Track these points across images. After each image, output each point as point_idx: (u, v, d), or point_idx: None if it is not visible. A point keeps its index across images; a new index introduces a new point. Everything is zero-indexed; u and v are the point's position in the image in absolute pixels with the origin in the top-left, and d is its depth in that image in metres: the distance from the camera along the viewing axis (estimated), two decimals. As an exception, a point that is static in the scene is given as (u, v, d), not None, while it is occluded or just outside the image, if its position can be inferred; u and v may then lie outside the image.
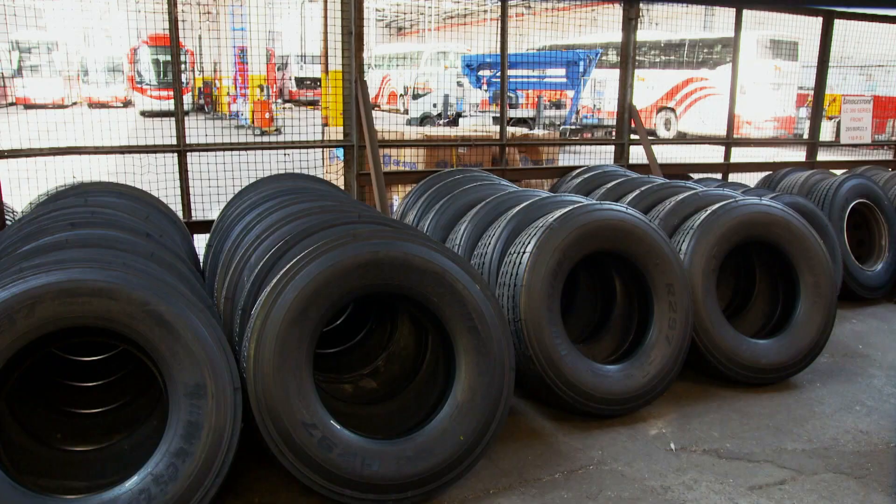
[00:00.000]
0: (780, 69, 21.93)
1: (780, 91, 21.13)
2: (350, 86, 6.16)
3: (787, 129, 20.51)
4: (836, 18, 8.95)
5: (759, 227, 4.91)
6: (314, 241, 3.43)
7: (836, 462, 3.95)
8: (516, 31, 17.71)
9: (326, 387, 3.99)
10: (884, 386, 4.98)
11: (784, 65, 21.91)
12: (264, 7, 20.18)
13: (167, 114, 6.12)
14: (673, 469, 3.82)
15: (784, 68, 21.94)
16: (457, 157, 7.33)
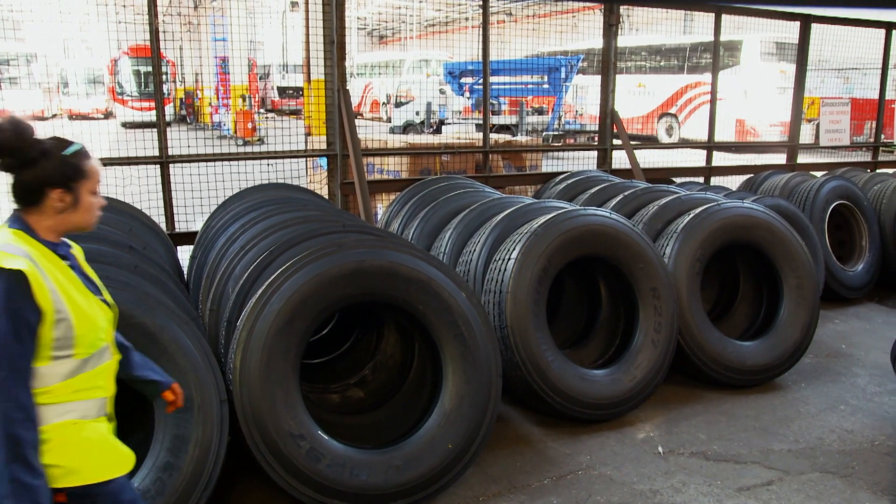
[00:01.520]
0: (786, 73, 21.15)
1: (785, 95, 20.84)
2: (332, 95, 6.16)
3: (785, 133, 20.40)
4: (813, 22, 9.05)
5: (741, 229, 4.95)
6: (299, 252, 3.42)
7: (822, 461, 3.98)
8: (498, 37, 17.80)
9: (313, 397, 3.98)
10: (867, 385, 5.03)
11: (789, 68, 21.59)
12: (245, 17, 20.16)
13: (149, 125, 6.09)
14: (661, 472, 3.83)
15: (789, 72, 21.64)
16: (440, 164, 7.33)
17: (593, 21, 7.60)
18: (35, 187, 2.01)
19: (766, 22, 9.05)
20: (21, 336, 1.89)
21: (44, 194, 2.01)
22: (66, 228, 2.09)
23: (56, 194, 2.01)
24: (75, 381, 2.01)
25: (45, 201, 2.02)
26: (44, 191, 2.01)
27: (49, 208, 2.03)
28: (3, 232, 2.00)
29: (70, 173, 2.04)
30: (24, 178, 2.00)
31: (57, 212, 2.04)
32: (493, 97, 17.95)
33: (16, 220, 2.03)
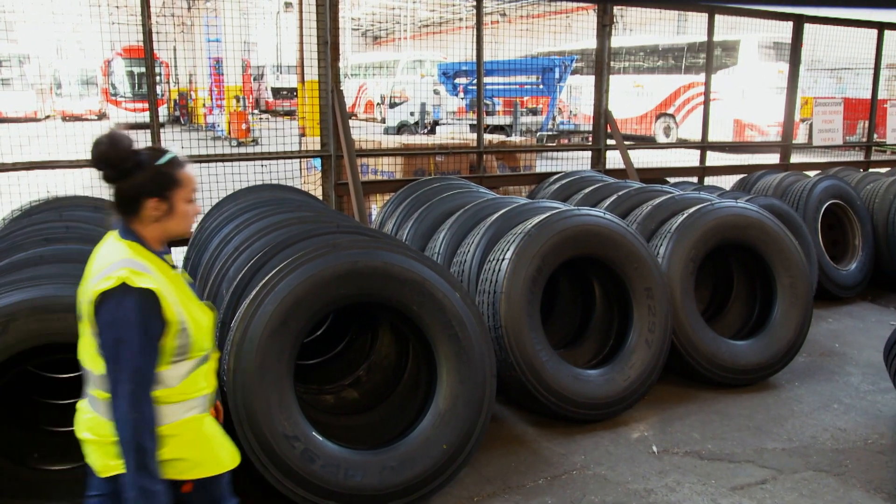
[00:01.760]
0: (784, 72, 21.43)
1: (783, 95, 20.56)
2: (326, 95, 6.15)
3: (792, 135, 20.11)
4: (806, 22, 9.08)
5: (735, 229, 4.97)
6: (293, 253, 3.41)
7: (815, 460, 3.99)
8: (492, 38, 17.82)
9: (308, 398, 3.97)
10: (860, 384, 5.05)
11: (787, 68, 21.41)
12: (239, 18, 20.13)
13: (142, 126, 6.06)
14: (655, 472, 3.84)
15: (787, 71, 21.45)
16: (434, 165, 7.34)
17: (587, 21, 7.61)
18: (132, 197, 2.10)
19: (764, 21, 9.07)
20: (148, 350, 2.03)
21: (140, 204, 2.10)
22: (165, 236, 2.18)
23: (152, 203, 2.10)
24: (190, 379, 2.15)
25: (142, 211, 2.11)
26: (140, 201, 2.10)
27: (146, 217, 2.12)
28: (119, 245, 2.11)
29: (164, 182, 2.11)
30: (122, 189, 2.09)
31: (154, 220, 2.13)
32: (487, 98, 17.96)
33: (126, 230, 2.14)
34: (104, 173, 2.08)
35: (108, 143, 2.06)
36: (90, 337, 2.08)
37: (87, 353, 2.12)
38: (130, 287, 1.99)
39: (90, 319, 2.04)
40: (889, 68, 17.72)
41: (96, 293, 2.00)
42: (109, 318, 1.99)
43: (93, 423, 2.12)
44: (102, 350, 2.02)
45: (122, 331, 1.99)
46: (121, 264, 2.03)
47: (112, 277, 2.00)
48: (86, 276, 2.12)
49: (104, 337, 2.01)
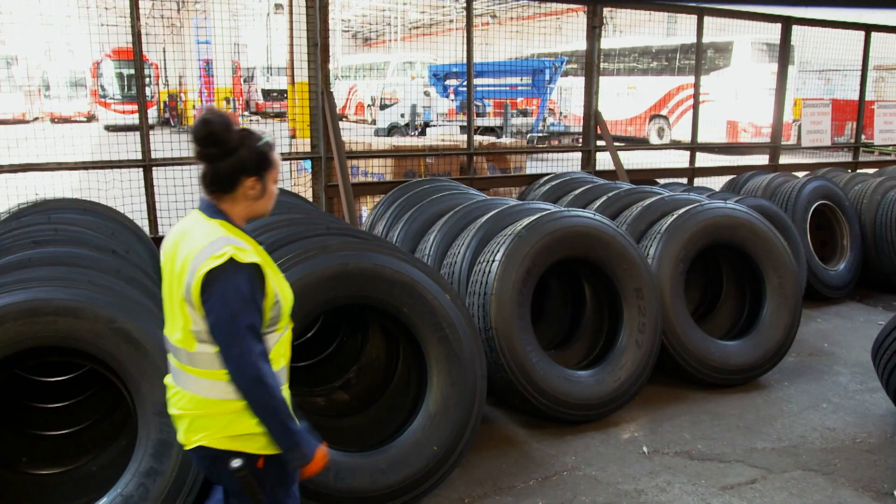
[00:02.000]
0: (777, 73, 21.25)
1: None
2: (316, 97, 6.14)
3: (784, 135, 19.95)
4: (794, 24, 9.14)
5: (724, 230, 4.99)
6: (283, 254, 3.41)
7: (804, 459, 4.01)
8: (483, 40, 17.84)
9: (298, 400, 3.96)
10: (849, 383, 5.07)
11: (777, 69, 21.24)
12: (229, 19, 20.09)
13: (132, 128, 6.05)
14: (646, 472, 3.85)
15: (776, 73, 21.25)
16: (425, 166, 7.34)
17: (577, 23, 7.63)
18: (232, 175, 2.16)
19: (756, 23, 9.11)
20: (260, 322, 2.13)
21: (238, 182, 2.17)
22: (252, 215, 2.27)
23: (249, 182, 2.18)
24: (275, 351, 2.23)
25: (238, 189, 2.17)
26: (239, 179, 2.16)
27: (241, 195, 2.19)
28: (211, 224, 2.17)
29: (262, 162, 2.19)
30: (222, 167, 2.15)
31: (248, 199, 2.20)
32: (477, 99, 17.98)
33: (213, 209, 2.20)
34: (207, 151, 2.13)
35: (220, 122, 2.13)
36: (185, 315, 2.14)
37: (179, 331, 2.17)
38: (238, 263, 2.07)
39: (194, 298, 2.09)
40: (876, 70, 17.84)
41: (205, 272, 2.06)
42: (220, 295, 2.06)
43: (179, 398, 2.21)
44: (215, 328, 2.09)
45: (236, 305, 2.06)
46: (223, 241, 2.10)
47: (220, 255, 2.06)
48: (172, 254, 2.19)
49: (216, 315, 2.07)
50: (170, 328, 2.23)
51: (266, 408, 2.10)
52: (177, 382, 2.23)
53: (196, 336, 2.14)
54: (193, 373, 2.17)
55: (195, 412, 2.17)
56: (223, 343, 2.09)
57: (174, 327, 2.20)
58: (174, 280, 2.16)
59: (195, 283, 2.07)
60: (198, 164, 2.18)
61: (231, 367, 2.09)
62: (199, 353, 2.14)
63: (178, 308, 2.16)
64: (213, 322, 2.08)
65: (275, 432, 2.13)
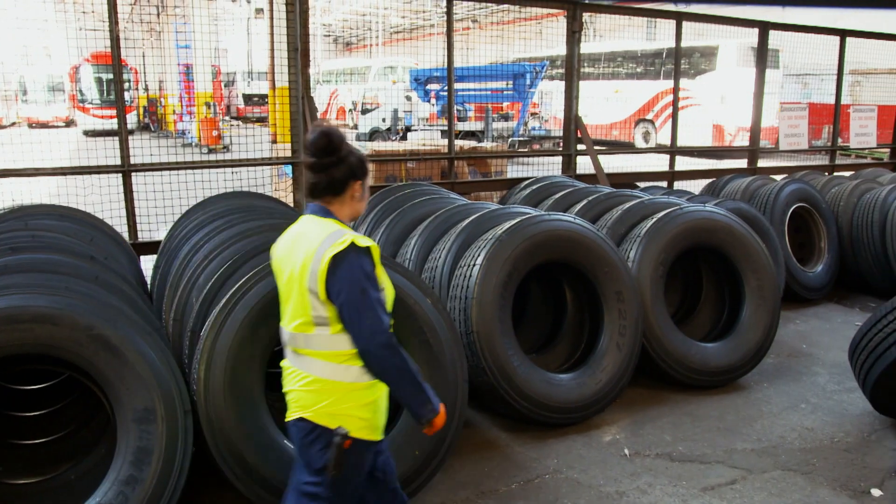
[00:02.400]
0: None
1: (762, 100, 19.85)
2: (297, 102, 6.13)
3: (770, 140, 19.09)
4: (771, 29, 9.24)
5: (703, 233, 5.03)
6: (263, 260, 3.39)
7: (784, 460, 4.05)
8: (464, 44, 17.84)
9: (280, 406, 3.94)
10: (827, 383, 5.13)
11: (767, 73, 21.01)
12: (209, 24, 19.99)
13: (111, 133, 6.00)
14: (627, 474, 3.87)
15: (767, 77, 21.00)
16: (406, 171, 7.34)
17: (558, 28, 7.67)
18: (344, 180, 2.48)
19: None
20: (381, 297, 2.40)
21: (348, 186, 2.49)
22: (354, 214, 2.57)
23: (357, 185, 2.51)
24: None
25: (347, 191, 2.49)
26: (348, 183, 2.49)
27: (349, 197, 2.51)
28: (325, 221, 2.47)
29: (365, 168, 2.55)
30: (336, 173, 2.46)
31: (354, 200, 2.53)
32: (459, 103, 18.00)
33: (324, 211, 2.50)
34: (325, 160, 2.45)
35: (338, 135, 2.47)
36: (305, 304, 2.40)
37: (298, 319, 2.43)
38: (359, 246, 2.37)
39: (320, 284, 2.34)
40: (852, 74, 18.05)
41: (331, 257, 2.32)
42: (348, 275, 2.33)
43: (309, 383, 2.43)
44: (346, 305, 2.33)
45: (363, 282, 2.34)
46: (342, 232, 2.40)
47: (342, 242, 2.35)
48: (289, 254, 2.47)
49: (347, 292, 2.32)
50: (286, 317, 2.51)
51: (399, 371, 2.37)
52: (294, 364, 2.49)
53: (315, 321, 2.40)
54: (309, 354, 2.44)
55: (307, 389, 2.43)
56: (354, 317, 2.33)
57: (293, 317, 2.46)
58: (295, 275, 2.42)
59: (321, 269, 2.33)
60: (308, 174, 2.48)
61: (364, 338, 2.34)
62: (316, 336, 2.42)
63: (299, 298, 2.41)
64: (342, 300, 2.33)
65: (409, 392, 2.40)
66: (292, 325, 2.46)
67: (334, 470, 2.40)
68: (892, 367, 4.19)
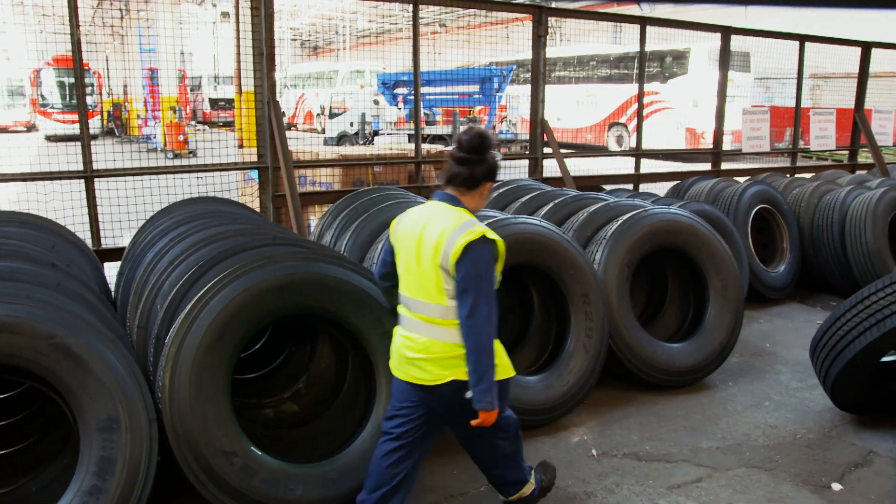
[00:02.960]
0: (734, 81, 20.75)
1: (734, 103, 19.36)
2: (262, 107, 6.10)
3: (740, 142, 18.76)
4: (733, 34, 9.39)
5: (668, 234, 5.09)
6: (228, 266, 3.37)
7: (748, 457, 4.12)
8: (432, 48, 17.88)
9: (246, 413, 3.92)
10: (790, 381, 5.22)
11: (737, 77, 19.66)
12: (174, 27, 19.78)
13: (74, 138, 5.92)
14: (595, 475, 3.90)
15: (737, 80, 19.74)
16: (373, 175, 7.33)
17: (525, 32, 7.72)
18: (480, 178, 2.91)
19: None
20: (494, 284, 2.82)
21: (481, 183, 2.93)
22: (478, 208, 2.99)
23: (487, 185, 2.97)
24: None
25: (478, 188, 2.94)
26: (482, 182, 2.93)
27: (478, 194, 2.95)
28: (456, 210, 2.88)
29: (496, 173, 2.98)
30: (477, 171, 2.90)
31: (482, 196, 2.98)
32: (426, 108, 18.01)
33: (455, 200, 2.91)
34: (471, 157, 2.88)
35: (488, 136, 2.92)
36: (438, 278, 2.80)
37: (427, 291, 2.84)
38: (487, 238, 2.78)
39: (451, 264, 2.74)
40: (812, 78, 18.38)
41: (465, 243, 2.72)
42: (474, 260, 2.73)
43: (428, 345, 2.86)
44: (465, 284, 2.73)
45: (483, 268, 2.75)
46: (473, 222, 2.81)
47: (475, 232, 2.75)
48: (419, 233, 2.86)
49: (469, 273, 2.73)
50: (415, 290, 2.89)
51: (487, 353, 2.77)
52: (421, 333, 2.87)
53: (448, 293, 2.80)
54: (444, 324, 2.83)
55: (447, 354, 2.84)
56: (471, 297, 2.73)
57: (423, 288, 2.85)
58: (426, 251, 2.82)
59: (454, 251, 2.73)
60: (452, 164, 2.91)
61: (467, 312, 2.74)
62: (450, 308, 2.80)
63: (432, 273, 2.81)
64: (461, 277, 2.74)
65: (480, 375, 2.76)
66: (423, 296, 2.86)
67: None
68: (851, 365, 4.28)
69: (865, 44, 10.98)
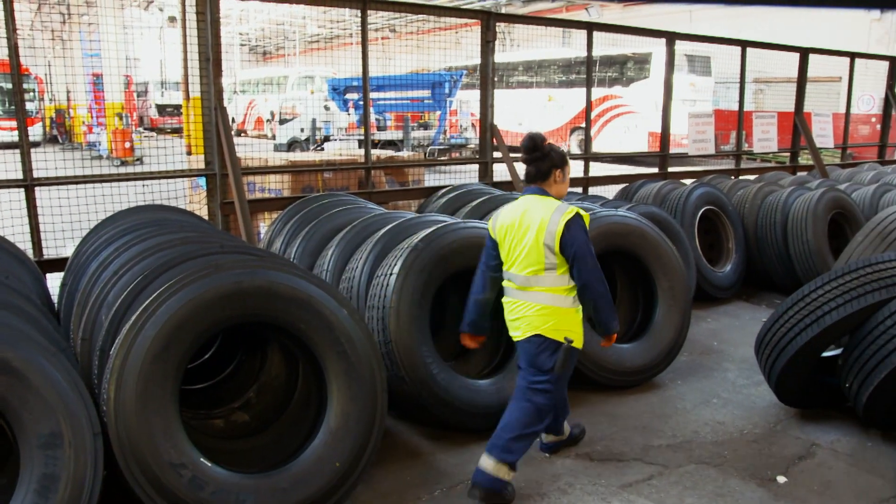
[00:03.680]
0: (695, 85, 20.92)
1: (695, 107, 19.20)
2: (209, 113, 6.02)
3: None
4: (678, 40, 9.58)
5: (617, 236, 5.15)
6: (175, 275, 3.32)
7: (697, 454, 4.20)
8: (383, 53, 17.85)
9: (196, 423, 3.86)
10: (737, 378, 5.34)
11: (699, 80, 21.10)
12: (119, 32, 19.39)
13: (13, 146, 5.76)
14: (548, 476, 3.93)
15: (699, 84, 21.01)
16: (322, 181, 7.28)
17: (476, 37, 7.76)
18: (548, 170, 3.63)
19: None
20: None
21: (551, 173, 3.64)
22: (560, 194, 3.69)
23: (558, 172, 3.65)
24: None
25: (550, 177, 3.64)
26: (552, 171, 3.64)
27: (553, 181, 3.65)
28: (546, 198, 3.60)
29: (563, 159, 3.68)
30: (542, 165, 3.63)
31: (557, 183, 3.67)
32: (378, 113, 17.97)
33: (542, 191, 3.64)
34: (534, 155, 3.63)
35: (538, 137, 3.67)
36: (540, 254, 3.49)
37: (533, 266, 3.53)
38: (581, 215, 3.52)
39: (556, 241, 3.45)
40: (756, 83, 18.85)
41: (566, 221, 3.45)
42: (576, 233, 3.46)
43: (538, 310, 3.55)
44: (574, 250, 3.45)
45: (583, 236, 3.49)
46: (566, 205, 3.53)
47: (570, 212, 3.48)
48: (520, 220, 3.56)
49: (576, 244, 3.45)
50: (518, 266, 3.57)
51: (605, 299, 3.55)
52: (522, 298, 3.58)
53: (546, 266, 3.50)
54: (541, 290, 3.53)
55: (538, 315, 3.55)
56: (582, 261, 3.46)
57: (525, 265, 3.54)
58: (529, 234, 3.51)
59: (558, 230, 3.45)
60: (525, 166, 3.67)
61: (587, 273, 3.48)
62: (547, 277, 3.52)
63: (535, 251, 3.50)
64: (574, 251, 3.45)
65: (607, 312, 3.58)
66: (526, 270, 3.54)
67: (561, 367, 3.58)
68: (794, 361, 4.40)
69: (804, 49, 11.31)
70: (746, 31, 11.94)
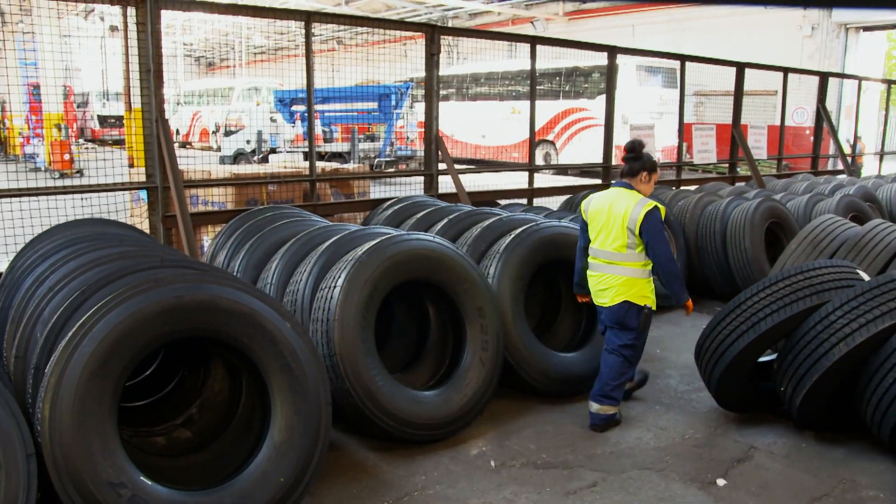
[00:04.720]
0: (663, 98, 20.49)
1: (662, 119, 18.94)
2: (150, 125, 5.93)
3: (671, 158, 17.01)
4: (619, 54, 9.79)
5: (560, 247, 5.24)
6: (113, 290, 3.26)
7: (640, 459, 4.28)
8: (330, 65, 17.77)
9: (136, 441, 3.79)
10: (678, 385, 5.46)
11: (665, 93, 20.55)
12: (59, 41, 18.91)
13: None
14: (494, 486, 3.96)
15: (665, 96, 20.41)
16: (267, 194, 7.23)
17: (422, 50, 7.80)
18: (637, 170, 4.58)
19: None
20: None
21: (638, 173, 4.59)
22: (645, 193, 4.60)
23: (644, 174, 4.59)
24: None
25: (637, 176, 4.59)
26: (640, 172, 4.58)
27: (639, 180, 4.60)
28: (631, 192, 4.56)
29: (653, 166, 4.60)
30: (634, 165, 4.58)
31: (643, 182, 4.60)
32: (325, 125, 17.89)
33: (629, 186, 4.59)
34: (629, 155, 4.61)
35: (638, 143, 4.62)
36: (624, 235, 4.47)
37: (617, 242, 4.50)
38: (657, 207, 4.42)
39: (637, 226, 4.41)
40: (696, 95, 19.32)
41: (646, 211, 4.39)
42: (653, 222, 4.39)
43: (609, 279, 4.55)
44: (650, 236, 4.40)
45: (659, 225, 4.42)
46: (647, 199, 4.46)
47: (650, 204, 4.40)
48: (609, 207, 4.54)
49: (652, 230, 4.39)
50: (604, 244, 4.56)
51: (674, 274, 4.46)
52: (608, 272, 4.55)
53: (628, 245, 4.47)
54: (623, 265, 4.50)
55: (622, 285, 4.51)
56: (656, 244, 4.40)
57: (613, 242, 4.51)
58: (615, 218, 4.49)
59: (639, 217, 4.38)
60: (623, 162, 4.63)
61: (660, 255, 4.41)
62: (628, 254, 4.48)
63: (620, 231, 4.47)
64: (649, 237, 4.39)
65: (677, 286, 4.49)
66: (612, 246, 4.51)
67: (644, 327, 4.64)
68: (732, 366, 4.52)
69: (740, 64, 11.67)
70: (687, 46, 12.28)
